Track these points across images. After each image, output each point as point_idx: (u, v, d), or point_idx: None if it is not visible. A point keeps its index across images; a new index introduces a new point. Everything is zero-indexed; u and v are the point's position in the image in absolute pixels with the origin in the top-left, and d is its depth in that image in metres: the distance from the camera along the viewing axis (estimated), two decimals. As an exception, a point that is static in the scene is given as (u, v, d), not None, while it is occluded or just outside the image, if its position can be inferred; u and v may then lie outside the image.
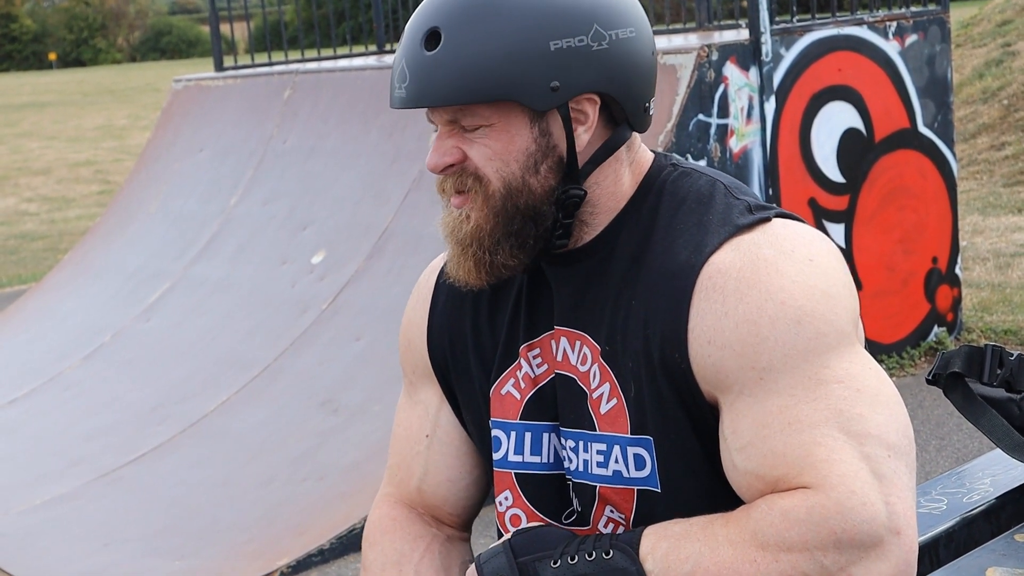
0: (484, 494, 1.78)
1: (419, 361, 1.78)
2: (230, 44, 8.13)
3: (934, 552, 1.61)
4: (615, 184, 1.62)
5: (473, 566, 1.57)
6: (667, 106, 4.76)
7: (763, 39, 4.97)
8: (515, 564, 1.53)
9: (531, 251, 1.58)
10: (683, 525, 1.50)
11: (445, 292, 1.75)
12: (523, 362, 1.66)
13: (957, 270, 5.81)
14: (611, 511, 1.60)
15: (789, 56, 5.10)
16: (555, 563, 1.51)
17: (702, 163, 4.73)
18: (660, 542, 1.49)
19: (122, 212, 7.25)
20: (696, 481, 1.56)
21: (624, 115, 1.62)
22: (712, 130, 4.83)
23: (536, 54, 1.51)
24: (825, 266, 1.53)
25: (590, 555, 1.50)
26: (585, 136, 1.58)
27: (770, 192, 5.00)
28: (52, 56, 55.50)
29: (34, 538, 4.51)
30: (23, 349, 6.52)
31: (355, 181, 5.92)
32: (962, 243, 5.99)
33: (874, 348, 5.52)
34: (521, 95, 1.52)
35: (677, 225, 1.58)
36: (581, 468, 1.61)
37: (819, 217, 5.20)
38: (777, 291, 1.48)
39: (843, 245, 5.32)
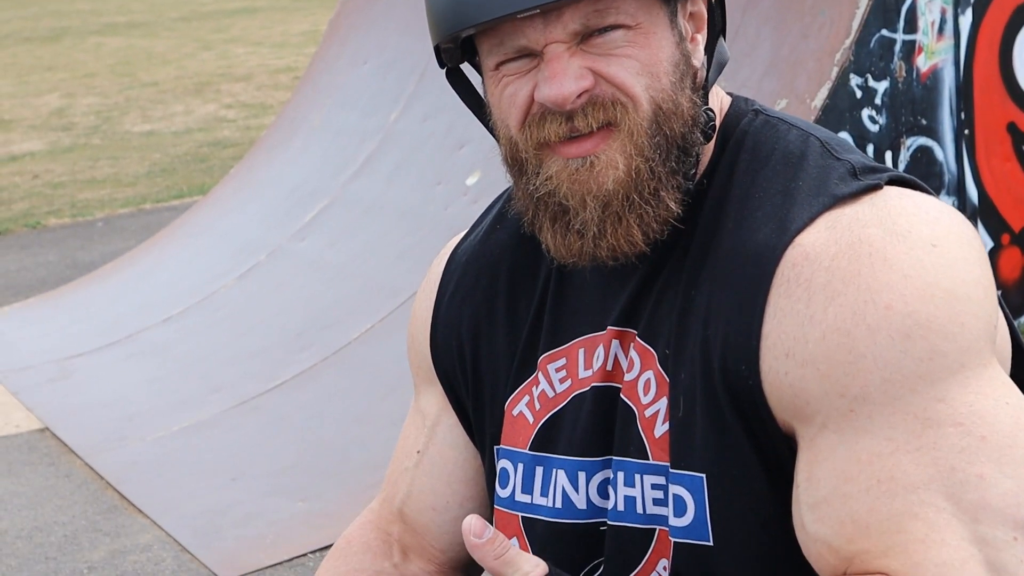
0: None
1: (423, 362, 1.45)
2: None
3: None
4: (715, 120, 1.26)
5: None
6: (846, 20, 4.25)
7: (961, -57, 4.40)
8: None
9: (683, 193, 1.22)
10: None
11: (455, 282, 1.41)
12: (541, 377, 1.31)
13: None
14: (664, 566, 1.23)
15: (992, -38, 4.51)
16: None
17: (884, 85, 4.24)
18: None
19: (287, 126, 7.09)
20: (761, 535, 1.18)
21: (724, 24, 1.26)
22: (897, 47, 4.30)
23: None
24: (953, 255, 1.12)
25: None
26: (703, 44, 1.25)
27: (962, 116, 4.45)
28: (268, -39, 56.43)
29: (164, 468, 4.40)
30: (184, 265, 6.44)
31: (514, 98, 5.59)
32: None
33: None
34: None
35: (756, 192, 1.20)
36: (637, 508, 1.24)
37: (1019, 143, 4.63)
38: (882, 289, 1.09)
39: (1048, 176, 4.75)
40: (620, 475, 1.25)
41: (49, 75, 20.14)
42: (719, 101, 1.28)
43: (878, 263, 1.10)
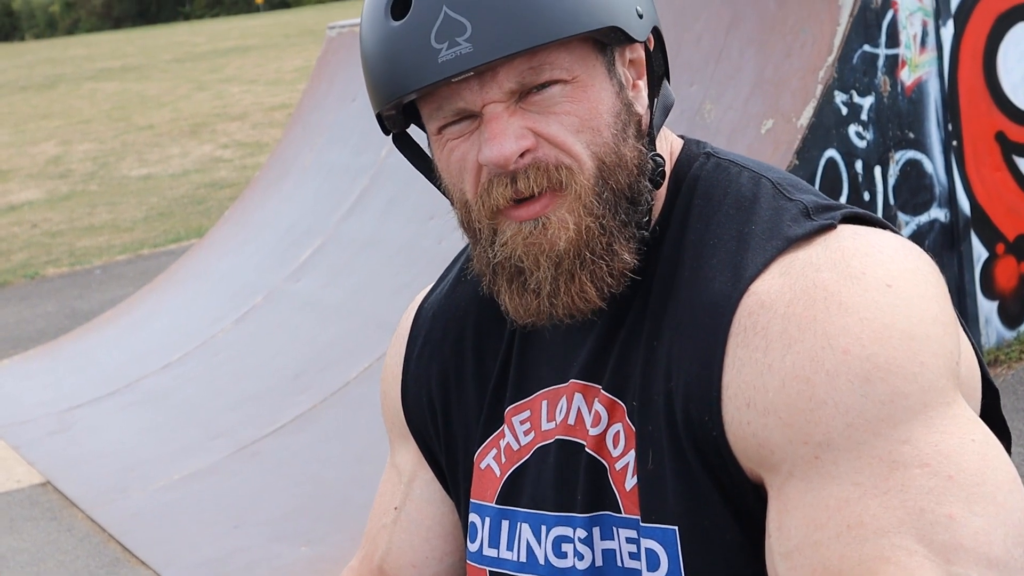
0: None
1: (396, 419, 1.44)
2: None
3: None
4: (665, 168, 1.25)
5: None
6: (828, 38, 4.25)
7: (940, -46, 4.39)
8: None
9: (638, 243, 1.21)
10: None
11: (423, 336, 1.40)
12: (507, 429, 1.30)
13: None
14: None
15: (972, -28, 4.50)
16: None
17: (869, 100, 4.23)
18: None
19: (279, 166, 7.10)
20: None
21: (666, 66, 1.26)
22: (880, 62, 4.30)
23: None
24: (909, 293, 1.10)
25: None
26: (646, 90, 1.23)
27: (950, 128, 4.44)
28: (259, 0, 56.72)
29: (166, 519, 4.38)
30: (181, 311, 6.44)
31: (502, 129, 5.59)
32: None
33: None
34: (621, 19, 1.16)
35: (711, 239, 1.19)
36: (617, 561, 1.22)
37: (1009, 152, 4.62)
38: (839, 334, 1.07)
39: (1040, 183, 4.73)
40: (596, 530, 1.23)
41: (45, 123, 20.22)
42: (669, 146, 1.27)
43: (833, 308, 1.09)
